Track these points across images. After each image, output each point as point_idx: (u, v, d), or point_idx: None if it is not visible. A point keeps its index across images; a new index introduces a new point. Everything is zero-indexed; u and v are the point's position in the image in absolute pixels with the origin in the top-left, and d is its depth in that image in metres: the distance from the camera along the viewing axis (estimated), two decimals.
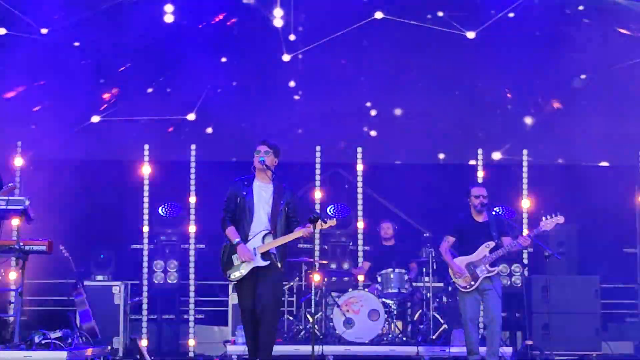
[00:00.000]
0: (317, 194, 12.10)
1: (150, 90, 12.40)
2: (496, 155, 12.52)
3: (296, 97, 12.63)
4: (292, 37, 12.45)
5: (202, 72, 12.19)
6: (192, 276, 12.00)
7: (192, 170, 12.12)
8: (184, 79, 12.26)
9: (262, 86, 12.55)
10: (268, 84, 12.56)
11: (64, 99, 11.98)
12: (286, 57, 12.46)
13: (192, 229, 11.99)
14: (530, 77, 12.34)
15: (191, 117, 12.44)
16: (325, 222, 8.05)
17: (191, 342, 11.72)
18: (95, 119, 12.32)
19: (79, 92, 12.00)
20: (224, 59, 12.56)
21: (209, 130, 12.65)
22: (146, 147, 12.11)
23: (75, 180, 11.71)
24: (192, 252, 12.02)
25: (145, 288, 11.82)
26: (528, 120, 12.49)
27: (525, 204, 12.00)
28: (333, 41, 12.21)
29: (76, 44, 12.31)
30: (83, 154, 12.08)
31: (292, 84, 12.65)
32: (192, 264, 12.00)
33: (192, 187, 12.08)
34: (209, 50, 12.21)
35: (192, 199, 12.04)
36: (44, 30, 12.12)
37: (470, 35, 12.25)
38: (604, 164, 12.60)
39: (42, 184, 10.89)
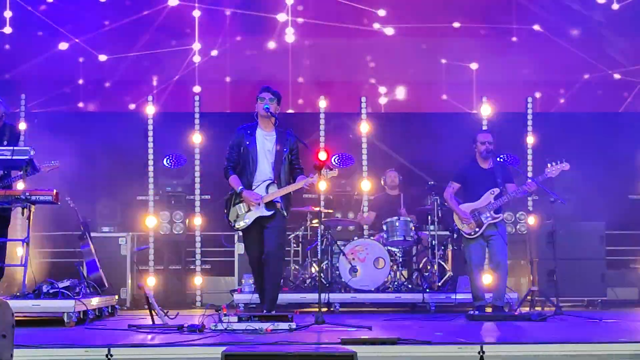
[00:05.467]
0: (321, 143, 12.11)
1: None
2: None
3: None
4: None
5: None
6: (197, 227, 12.05)
7: (197, 122, 12.12)
8: None
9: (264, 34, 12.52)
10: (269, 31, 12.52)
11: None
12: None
13: (197, 179, 12.04)
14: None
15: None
16: (331, 170, 8.07)
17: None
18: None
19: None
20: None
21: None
22: (150, 98, 12.12)
23: (80, 131, 11.69)
24: (197, 203, 12.05)
25: (151, 239, 11.88)
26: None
27: (530, 151, 11.99)
28: None
29: None
30: (87, 104, 12.04)
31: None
32: (197, 215, 12.05)
33: (197, 138, 12.08)
34: None
35: (197, 150, 12.05)
36: None
37: None
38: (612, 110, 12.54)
39: (47, 136, 10.87)
